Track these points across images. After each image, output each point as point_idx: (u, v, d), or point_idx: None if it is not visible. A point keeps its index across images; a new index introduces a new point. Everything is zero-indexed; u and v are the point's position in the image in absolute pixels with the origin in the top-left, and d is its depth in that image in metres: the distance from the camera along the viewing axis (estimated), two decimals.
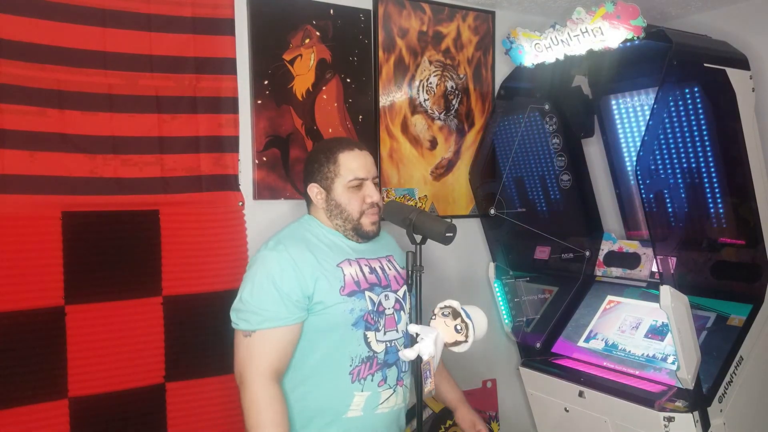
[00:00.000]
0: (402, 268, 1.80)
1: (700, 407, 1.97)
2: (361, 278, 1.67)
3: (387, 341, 1.67)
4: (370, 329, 1.64)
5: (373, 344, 1.64)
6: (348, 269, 1.66)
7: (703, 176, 2.24)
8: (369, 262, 1.72)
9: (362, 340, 1.63)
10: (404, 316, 1.73)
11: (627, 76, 2.53)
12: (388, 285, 1.72)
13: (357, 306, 1.62)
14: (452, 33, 2.55)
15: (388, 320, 1.68)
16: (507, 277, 2.67)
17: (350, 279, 1.64)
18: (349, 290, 1.62)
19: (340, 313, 1.60)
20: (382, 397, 1.66)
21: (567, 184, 2.69)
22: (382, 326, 1.66)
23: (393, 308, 1.70)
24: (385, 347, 1.67)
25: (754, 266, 2.16)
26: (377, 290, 1.69)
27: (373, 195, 1.71)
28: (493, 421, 2.74)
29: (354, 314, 1.61)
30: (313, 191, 1.72)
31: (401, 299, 1.74)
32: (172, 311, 1.98)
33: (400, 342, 1.70)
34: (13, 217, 1.77)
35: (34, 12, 1.78)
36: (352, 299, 1.62)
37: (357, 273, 1.67)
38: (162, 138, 1.97)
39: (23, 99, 1.78)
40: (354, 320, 1.61)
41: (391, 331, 1.68)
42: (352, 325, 1.61)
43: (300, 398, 1.62)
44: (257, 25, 2.12)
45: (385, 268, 1.76)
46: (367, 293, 1.66)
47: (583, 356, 2.41)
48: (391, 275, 1.76)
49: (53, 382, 1.82)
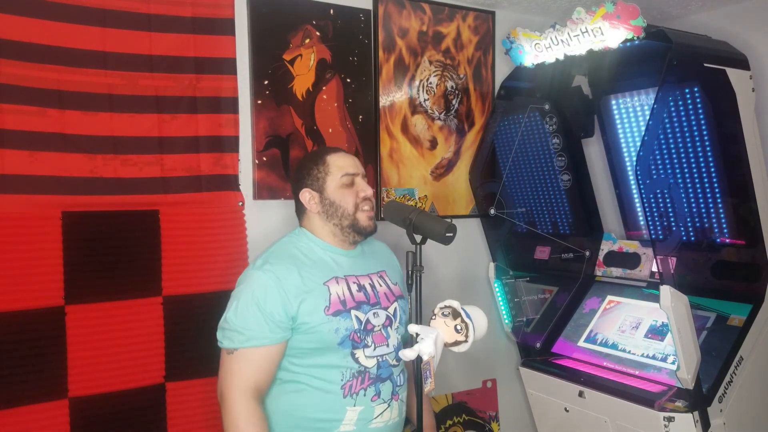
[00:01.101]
0: (394, 283, 1.79)
1: (700, 407, 1.97)
2: (348, 297, 1.65)
3: (378, 356, 1.65)
4: (357, 347, 1.62)
5: (362, 360, 1.63)
6: (334, 288, 1.64)
7: (703, 176, 2.24)
8: (358, 279, 1.70)
9: (350, 357, 1.61)
10: (393, 332, 1.71)
11: (627, 76, 2.53)
12: (377, 303, 1.70)
13: (342, 326, 1.60)
14: (452, 33, 2.55)
15: (377, 336, 1.66)
16: (507, 277, 2.67)
17: (336, 298, 1.62)
18: (334, 310, 1.61)
19: (325, 332, 1.58)
20: (375, 412, 1.64)
21: (567, 184, 2.69)
22: (371, 342, 1.64)
23: (382, 325, 1.68)
24: (376, 362, 1.65)
25: (754, 266, 2.16)
26: (365, 308, 1.66)
27: (366, 189, 1.70)
28: (493, 421, 2.74)
29: (339, 334, 1.59)
30: (305, 197, 1.70)
31: (392, 315, 1.72)
32: (172, 311, 1.98)
33: (392, 357, 1.68)
34: (13, 217, 1.77)
35: (34, 12, 1.78)
36: (337, 319, 1.60)
37: (344, 292, 1.65)
38: (162, 138, 1.97)
39: (23, 99, 1.78)
40: (340, 340, 1.59)
41: (381, 346, 1.66)
42: (338, 344, 1.59)
43: (290, 414, 1.61)
44: (257, 25, 2.12)
45: (375, 284, 1.73)
46: (354, 312, 1.63)
47: (583, 356, 2.41)
48: (381, 292, 1.73)
49: (53, 382, 1.82)
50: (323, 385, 1.60)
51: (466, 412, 2.67)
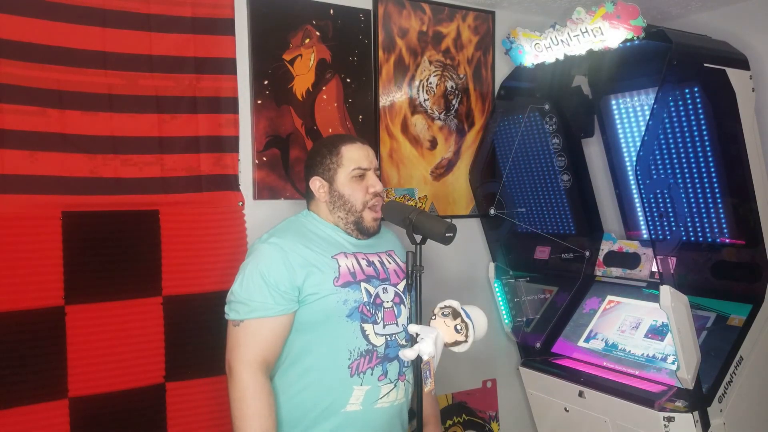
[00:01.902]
0: (403, 263, 1.78)
1: (700, 407, 1.97)
2: (357, 270, 1.66)
3: (387, 335, 1.66)
4: (367, 321, 1.63)
5: (371, 337, 1.63)
6: (343, 261, 1.65)
7: (703, 176, 2.24)
8: (367, 256, 1.72)
9: (359, 332, 1.61)
10: (404, 311, 1.72)
11: (627, 76, 2.53)
12: (387, 278, 1.71)
13: (351, 297, 1.61)
14: (452, 33, 2.55)
15: (387, 313, 1.66)
16: (507, 277, 2.67)
17: (345, 270, 1.63)
18: (344, 281, 1.62)
19: (333, 303, 1.59)
20: (382, 392, 1.65)
21: (567, 184, 2.69)
22: (380, 319, 1.65)
23: (392, 301, 1.69)
24: (385, 341, 1.65)
25: (754, 266, 2.16)
26: (374, 282, 1.67)
27: (376, 185, 1.71)
28: (493, 421, 2.74)
29: (348, 305, 1.60)
30: (315, 184, 1.71)
31: (401, 293, 1.73)
32: (172, 311, 1.98)
33: (401, 336, 1.69)
34: (13, 217, 1.77)
35: (34, 12, 1.78)
36: (346, 290, 1.61)
37: (353, 265, 1.66)
38: (162, 138, 1.97)
39: (23, 99, 1.78)
40: (348, 311, 1.60)
41: (390, 324, 1.67)
42: (347, 316, 1.60)
43: (299, 392, 1.62)
44: (257, 25, 2.12)
45: (385, 261, 1.75)
46: (363, 284, 1.65)
47: (583, 356, 2.41)
48: (391, 269, 1.75)
49: (53, 382, 1.82)
50: (330, 364, 1.60)
51: (466, 412, 2.67)
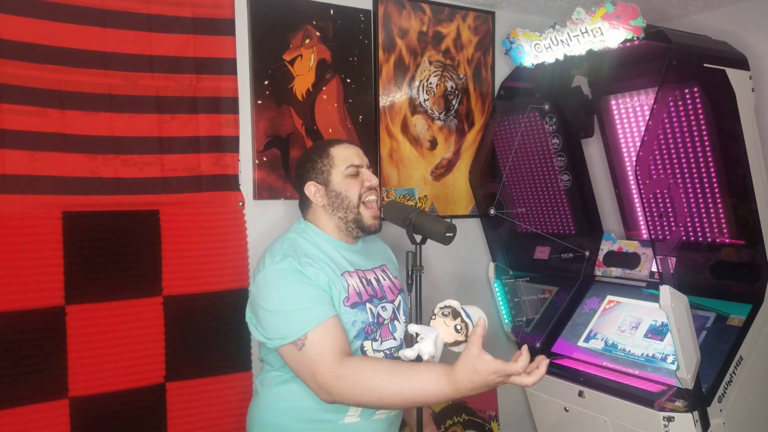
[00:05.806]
0: (395, 277, 1.79)
1: (700, 407, 1.97)
2: (362, 290, 1.65)
3: (384, 350, 1.65)
4: (367, 339, 1.62)
5: (369, 353, 1.62)
6: (351, 280, 1.64)
7: (703, 176, 2.24)
8: (365, 274, 1.70)
9: (359, 351, 1.61)
10: (398, 325, 1.72)
11: (627, 77, 2.53)
12: (383, 296, 1.70)
13: (359, 318, 1.60)
14: (452, 33, 2.55)
15: (384, 330, 1.67)
16: (507, 277, 2.67)
17: (353, 290, 1.62)
18: (353, 302, 1.60)
19: (344, 324, 1.57)
20: None
21: (567, 184, 2.69)
22: (379, 336, 1.65)
23: (389, 318, 1.69)
24: (383, 356, 1.65)
25: (754, 266, 2.16)
26: (375, 302, 1.67)
27: (371, 179, 1.69)
28: (492, 420, 2.74)
29: (356, 327, 1.59)
30: (310, 190, 1.69)
31: (396, 309, 1.73)
32: (172, 311, 1.98)
33: (397, 349, 1.68)
34: (13, 217, 1.77)
35: (34, 12, 1.79)
36: (355, 311, 1.60)
37: (357, 284, 1.65)
38: (162, 138, 1.97)
39: (23, 99, 1.78)
40: (356, 332, 1.59)
41: (387, 340, 1.67)
42: (354, 337, 1.59)
43: (299, 402, 1.59)
44: (257, 25, 2.12)
45: (380, 278, 1.74)
46: (368, 305, 1.64)
47: (582, 356, 2.41)
48: (386, 286, 1.74)
49: (53, 382, 1.82)
50: None
51: (465, 412, 2.67)
